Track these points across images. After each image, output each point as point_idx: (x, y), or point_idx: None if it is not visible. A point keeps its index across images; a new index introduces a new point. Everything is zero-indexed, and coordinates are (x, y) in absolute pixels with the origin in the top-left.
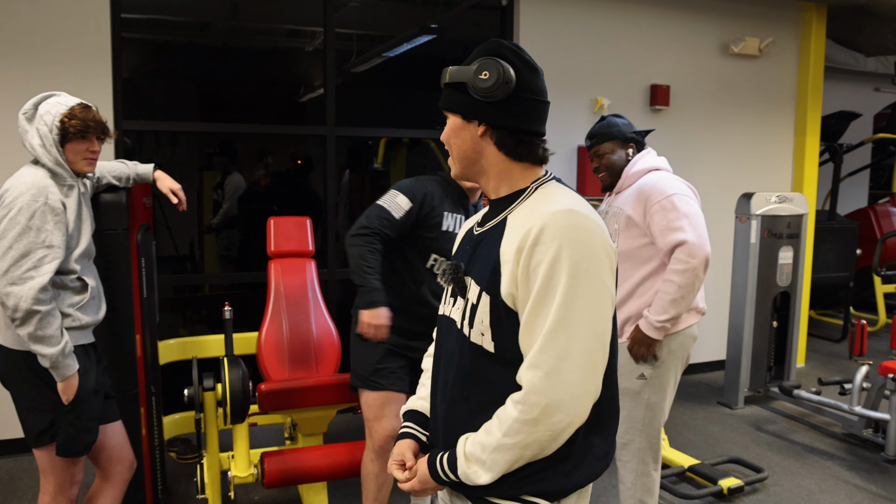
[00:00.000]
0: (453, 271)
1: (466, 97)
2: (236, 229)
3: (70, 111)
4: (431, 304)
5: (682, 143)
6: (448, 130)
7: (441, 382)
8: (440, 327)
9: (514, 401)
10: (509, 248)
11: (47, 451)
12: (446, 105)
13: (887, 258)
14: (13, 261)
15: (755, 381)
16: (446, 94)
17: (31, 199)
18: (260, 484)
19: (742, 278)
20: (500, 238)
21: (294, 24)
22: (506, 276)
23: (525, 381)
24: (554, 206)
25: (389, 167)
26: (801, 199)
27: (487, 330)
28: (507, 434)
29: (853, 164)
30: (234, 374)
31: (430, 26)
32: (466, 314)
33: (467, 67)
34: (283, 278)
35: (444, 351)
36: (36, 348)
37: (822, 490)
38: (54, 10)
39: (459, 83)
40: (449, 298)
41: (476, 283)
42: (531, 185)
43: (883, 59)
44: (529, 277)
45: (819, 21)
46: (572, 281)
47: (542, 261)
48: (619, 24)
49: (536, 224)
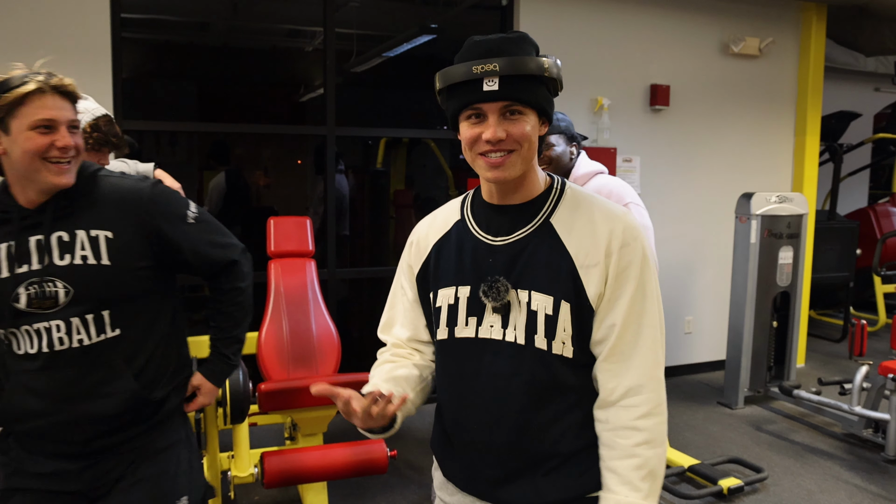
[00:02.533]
0: (506, 289)
1: (546, 93)
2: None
3: (95, 122)
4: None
5: (682, 142)
6: (531, 130)
7: (489, 410)
8: (461, 353)
9: (624, 407)
10: (586, 251)
11: None
12: (532, 101)
13: (887, 258)
14: None
15: (755, 381)
16: (528, 87)
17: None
18: (260, 484)
19: (742, 278)
20: (558, 243)
21: (294, 24)
22: (594, 278)
23: (655, 380)
24: (615, 207)
25: (389, 167)
26: (801, 199)
27: (569, 338)
28: (651, 445)
29: (853, 164)
30: (234, 374)
31: (429, 26)
32: (538, 327)
33: (553, 62)
34: (283, 278)
35: (489, 376)
36: None
37: (822, 490)
38: (54, 10)
39: (536, 77)
40: (467, 319)
41: (542, 292)
42: (554, 187)
43: (883, 58)
44: (620, 277)
45: (819, 21)
46: (653, 277)
47: (632, 261)
48: (619, 24)
49: (616, 227)
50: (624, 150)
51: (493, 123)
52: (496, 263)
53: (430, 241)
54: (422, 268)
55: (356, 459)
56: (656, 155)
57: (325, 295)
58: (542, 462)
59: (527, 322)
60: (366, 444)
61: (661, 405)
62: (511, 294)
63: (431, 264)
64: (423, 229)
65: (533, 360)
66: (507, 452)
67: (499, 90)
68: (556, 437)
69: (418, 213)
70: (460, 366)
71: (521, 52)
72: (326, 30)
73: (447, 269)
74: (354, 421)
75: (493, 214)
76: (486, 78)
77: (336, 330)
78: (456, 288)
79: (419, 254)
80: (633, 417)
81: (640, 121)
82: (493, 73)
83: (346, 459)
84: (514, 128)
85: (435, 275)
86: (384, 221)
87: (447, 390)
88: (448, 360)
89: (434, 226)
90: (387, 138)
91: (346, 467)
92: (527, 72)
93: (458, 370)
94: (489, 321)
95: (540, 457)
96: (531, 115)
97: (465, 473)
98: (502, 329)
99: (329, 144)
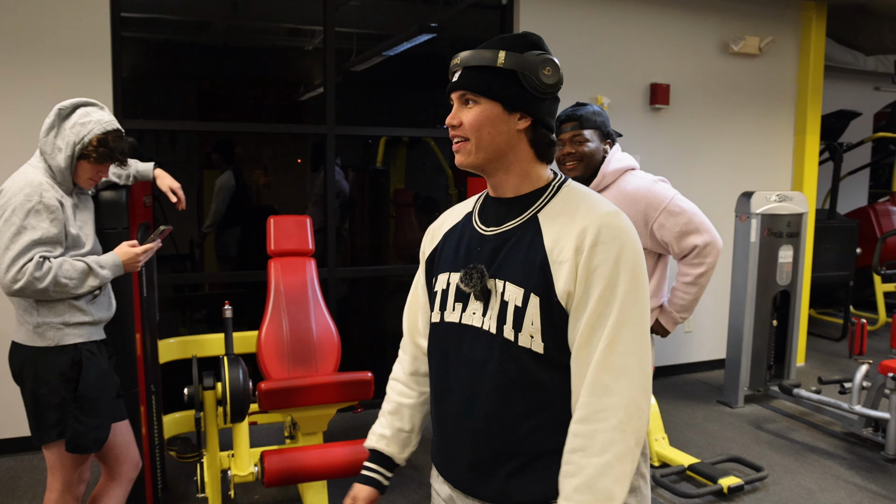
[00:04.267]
0: (480, 276)
1: (516, 87)
2: (228, 229)
3: (104, 136)
4: None
5: (681, 141)
6: (480, 117)
7: (465, 394)
8: (447, 337)
9: (595, 410)
10: (560, 247)
11: (56, 447)
12: (485, 90)
13: (887, 257)
14: (10, 261)
15: (755, 380)
16: (484, 77)
17: (25, 198)
18: (260, 483)
19: (742, 277)
20: (538, 237)
21: (294, 23)
22: (562, 275)
23: (600, 385)
24: (601, 207)
25: (389, 166)
26: (801, 198)
27: (538, 332)
28: (614, 454)
29: (853, 163)
30: (234, 373)
31: (429, 25)
32: (507, 317)
33: (528, 57)
34: (283, 277)
35: (466, 361)
36: (85, 289)
37: (821, 489)
38: (54, 9)
39: (508, 70)
40: (454, 304)
41: (515, 284)
42: (551, 185)
43: (883, 57)
44: (590, 277)
45: (819, 20)
46: (633, 281)
47: (604, 261)
48: (618, 23)
49: (592, 224)
50: (624, 148)
51: (454, 110)
52: (483, 252)
53: (443, 229)
54: (431, 254)
55: (356, 458)
56: (656, 154)
57: (325, 294)
58: (506, 457)
59: (498, 312)
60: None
61: (603, 412)
62: (491, 283)
63: (439, 251)
64: (442, 219)
65: (502, 349)
66: (477, 439)
67: (457, 81)
68: (524, 434)
69: (418, 212)
70: (444, 349)
71: (508, 48)
72: (326, 29)
73: (447, 257)
74: None
75: (491, 207)
76: (454, 71)
77: (336, 329)
78: (449, 274)
79: (432, 241)
80: (573, 422)
81: (640, 120)
82: (457, 66)
83: (346, 458)
84: (466, 115)
85: (439, 261)
86: (384, 220)
87: (433, 372)
88: (436, 342)
89: (451, 216)
90: (386, 137)
91: (346, 466)
92: (481, 63)
93: (443, 353)
94: (472, 308)
95: (505, 451)
96: (486, 104)
97: (445, 457)
98: (482, 317)
99: (329, 143)
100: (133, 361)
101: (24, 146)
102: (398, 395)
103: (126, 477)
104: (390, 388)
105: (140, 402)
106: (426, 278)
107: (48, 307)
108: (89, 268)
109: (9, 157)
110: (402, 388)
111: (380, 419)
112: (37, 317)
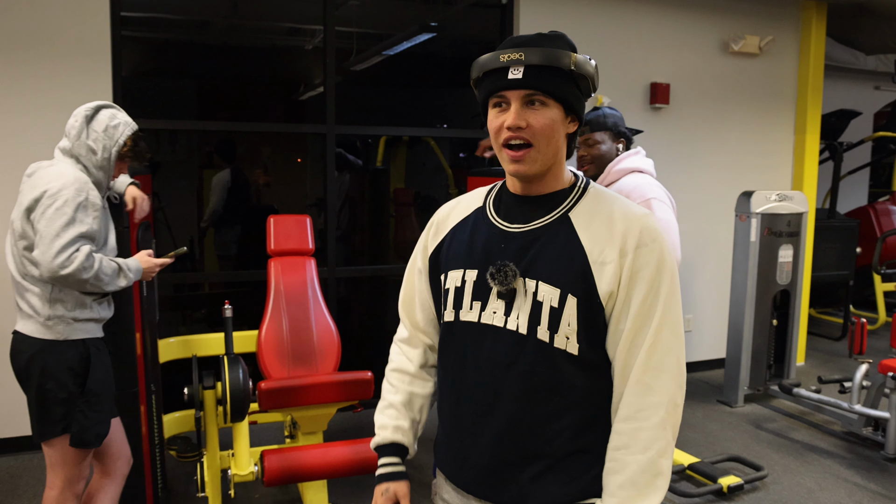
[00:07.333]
0: (514, 274)
1: (575, 90)
2: (228, 228)
3: (135, 135)
4: None
5: (681, 141)
6: (551, 121)
7: (486, 396)
8: (465, 337)
9: (638, 409)
10: (601, 248)
11: (58, 443)
12: (556, 92)
13: (887, 256)
14: (61, 247)
15: (755, 380)
16: (554, 79)
17: (76, 192)
18: (260, 482)
19: (742, 276)
20: (573, 237)
21: (294, 23)
22: (606, 276)
23: (642, 384)
24: (634, 208)
25: (389, 165)
26: (801, 198)
27: (574, 333)
28: (657, 450)
29: (853, 163)
30: (234, 373)
31: (429, 24)
32: (542, 318)
33: (586, 60)
34: (283, 276)
35: (488, 362)
36: (113, 288)
37: (821, 488)
38: (54, 9)
39: (563, 70)
40: (472, 303)
41: (550, 284)
42: (578, 184)
43: (883, 57)
44: (633, 279)
45: (819, 19)
46: (672, 282)
47: (647, 263)
48: (619, 23)
49: (633, 227)
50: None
51: (515, 110)
52: (507, 250)
53: (448, 223)
54: (436, 249)
55: (356, 458)
56: (656, 153)
57: (325, 293)
58: (530, 459)
59: (531, 312)
60: (366, 442)
61: (646, 410)
62: (518, 282)
63: (445, 246)
64: (445, 212)
65: (534, 351)
66: (496, 443)
67: (522, 79)
68: (551, 436)
69: (418, 212)
70: (461, 349)
71: (554, 47)
72: (326, 28)
73: (458, 253)
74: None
75: (514, 204)
76: (512, 67)
77: (336, 328)
78: (464, 271)
79: (437, 235)
80: (616, 420)
81: (640, 119)
82: (518, 62)
83: (347, 458)
84: (535, 118)
85: (447, 257)
86: (384, 220)
87: (448, 373)
88: (451, 342)
89: (456, 209)
90: (386, 136)
91: (346, 465)
92: (553, 63)
93: (459, 353)
94: (493, 307)
95: (529, 452)
96: (554, 108)
97: (457, 460)
98: (504, 316)
99: (329, 142)
100: (133, 361)
101: (24, 144)
102: (409, 386)
103: (120, 473)
104: (396, 379)
105: (140, 402)
106: (430, 274)
107: (61, 302)
108: (120, 268)
109: (9, 155)
110: (414, 379)
111: (388, 411)
112: (49, 310)
